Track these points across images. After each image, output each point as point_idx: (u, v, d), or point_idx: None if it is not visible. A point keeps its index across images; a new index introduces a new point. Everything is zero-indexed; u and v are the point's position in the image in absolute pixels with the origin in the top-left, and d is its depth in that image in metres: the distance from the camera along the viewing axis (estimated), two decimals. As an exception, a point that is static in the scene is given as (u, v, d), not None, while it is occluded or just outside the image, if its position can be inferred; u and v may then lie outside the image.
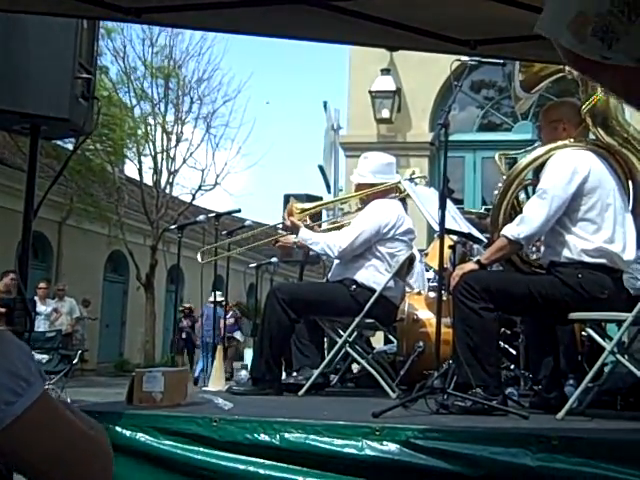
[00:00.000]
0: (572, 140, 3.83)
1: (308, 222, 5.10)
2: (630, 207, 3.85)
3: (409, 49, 3.21)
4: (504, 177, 3.97)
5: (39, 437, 1.26)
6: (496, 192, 3.99)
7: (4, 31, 3.09)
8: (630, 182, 3.87)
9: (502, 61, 4.08)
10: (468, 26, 2.33)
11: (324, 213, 5.93)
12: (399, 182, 4.99)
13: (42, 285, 14.16)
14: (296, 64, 58.98)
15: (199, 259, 6.37)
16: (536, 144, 4.08)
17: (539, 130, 4.10)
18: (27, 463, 1.24)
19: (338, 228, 5.21)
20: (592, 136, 3.89)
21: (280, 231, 5.72)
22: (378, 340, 6.50)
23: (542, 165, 3.84)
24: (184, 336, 19.02)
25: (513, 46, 2.51)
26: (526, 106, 4.67)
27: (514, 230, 3.71)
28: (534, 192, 3.85)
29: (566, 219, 3.70)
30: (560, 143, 3.83)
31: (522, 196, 4.07)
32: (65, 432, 1.30)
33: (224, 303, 9.98)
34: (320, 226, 5.38)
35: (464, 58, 3.75)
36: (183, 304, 19.68)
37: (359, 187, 5.07)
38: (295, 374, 4.87)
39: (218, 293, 10.81)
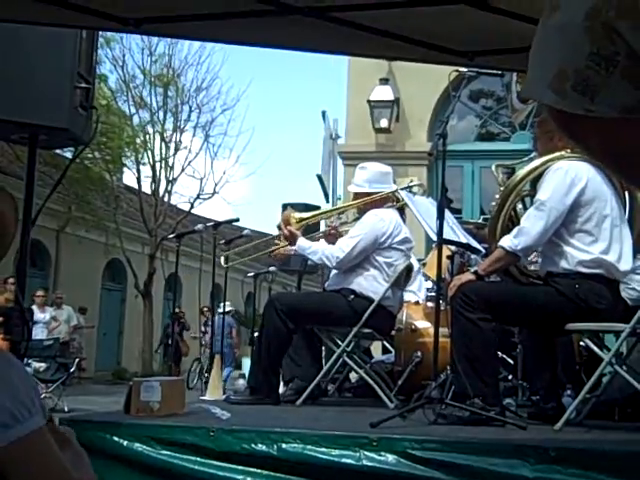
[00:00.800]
0: (568, 151, 3.84)
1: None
2: (626, 217, 3.85)
3: (407, 60, 3.22)
4: (501, 188, 3.98)
5: (26, 470, 1.25)
6: (493, 203, 3.99)
7: (4, 41, 3.10)
8: (626, 192, 3.88)
9: (501, 72, 4.09)
10: (466, 38, 2.34)
11: (322, 224, 5.90)
12: (396, 191, 4.99)
13: (40, 293, 14.18)
14: (295, 73, 59.14)
15: (222, 263, 6.38)
16: (532, 154, 4.08)
17: (535, 141, 4.10)
18: None
19: (334, 236, 5.19)
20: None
21: (277, 240, 5.70)
22: (376, 350, 6.50)
23: (539, 176, 3.84)
24: (170, 342, 17.78)
25: (511, 57, 2.52)
26: (522, 117, 4.69)
27: (512, 241, 3.71)
28: (532, 203, 3.86)
29: (563, 230, 3.70)
30: (557, 154, 3.83)
31: (519, 207, 4.07)
32: (53, 474, 1.29)
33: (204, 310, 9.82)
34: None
35: (462, 69, 3.76)
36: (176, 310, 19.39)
37: (356, 197, 5.08)
38: (284, 388, 4.86)
39: (227, 303, 10.85)
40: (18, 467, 1.23)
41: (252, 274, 8.78)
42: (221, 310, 10.73)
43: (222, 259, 6.38)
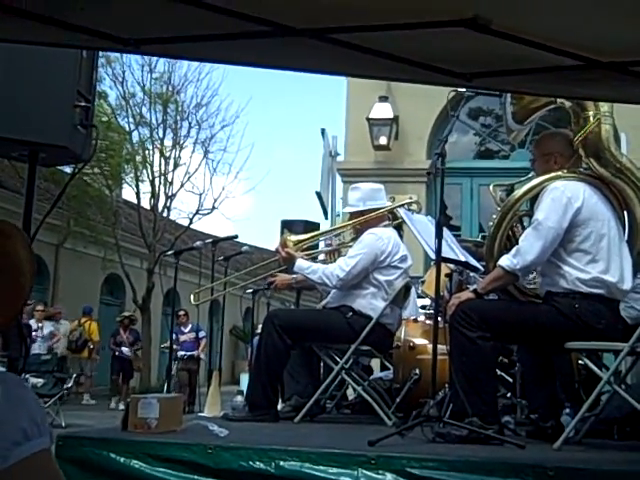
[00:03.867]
0: (565, 171, 3.86)
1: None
2: (626, 237, 3.86)
3: (404, 81, 3.24)
4: (499, 208, 4.00)
5: None
6: (491, 223, 4.01)
7: (4, 59, 3.11)
8: (625, 212, 3.89)
9: (498, 92, 4.12)
10: (465, 60, 2.35)
11: (321, 244, 5.89)
12: (392, 208, 5.01)
13: (39, 308, 14.16)
14: (294, 90, 59.35)
15: (192, 301, 6.21)
16: (531, 174, 4.10)
17: (532, 162, 4.12)
18: None
19: (333, 255, 5.20)
20: (585, 166, 3.92)
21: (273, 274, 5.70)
22: (374, 367, 6.49)
23: (536, 196, 3.86)
24: (117, 353, 16.23)
25: (509, 79, 2.54)
26: (520, 137, 4.71)
27: (510, 261, 3.72)
28: (529, 223, 3.88)
29: (561, 250, 3.71)
30: (553, 174, 3.85)
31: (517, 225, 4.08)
32: None
33: (180, 314, 9.25)
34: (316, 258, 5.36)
35: (461, 89, 3.79)
36: (122, 314, 17.64)
37: (351, 217, 5.10)
38: (282, 405, 4.85)
39: None
40: None
41: (251, 290, 8.77)
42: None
43: (192, 297, 6.23)
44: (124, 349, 16.27)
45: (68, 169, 13.02)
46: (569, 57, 2.22)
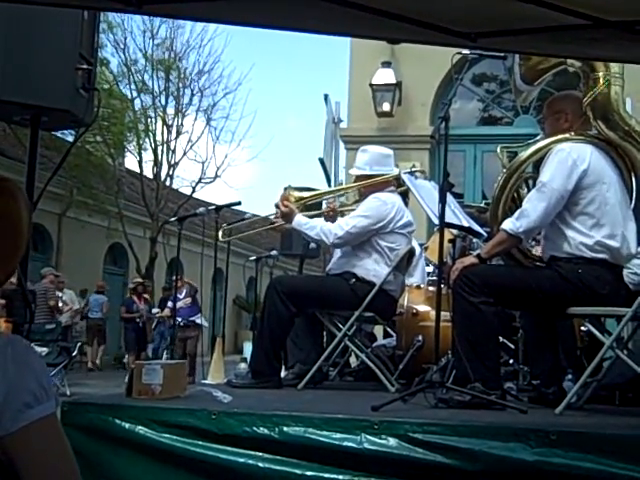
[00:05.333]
0: (572, 133, 3.82)
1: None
2: (634, 201, 3.83)
3: (408, 41, 3.21)
4: (504, 170, 3.97)
5: (41, 452, 1.29)
6: (496, 185, 3.98)
7: (5, 22, 3.08)
8: (633, 176, 3.86)
9: (503, 54, 4.06)
10: (469, 19, 2.32)
11: (324, 206, 5.82)
12: (398, 175, 4.97)
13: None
14: (297, 57, 58.89)
15: (220, 237, 6.05)
16: (538, 137, 4.06)
17: (542, 122, 4.08)
18: (19, 473, 1.27)
19: (333, 217, 5.12)
20: (594, 130, 3.88)
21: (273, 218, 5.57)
22: (377, 334, 6.51)
23: (542, 158, 3.83)
24: (135, 325, 14.95)
25: (514, 39, 2.50)
26: (529, 98, 4.65)
27: (514, 224, 3.70)
28: (534, 186, 3.85)
29: (566, 213, 3.69)
30: (561, 136, 3.82)
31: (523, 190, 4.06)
32: (66, 457, 1.32)
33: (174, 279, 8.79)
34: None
35: (465, 51, 3.74)
36: (135, 280, 16.56)
37: (357, 179, 5.06)
38: (285, 373, 4.86)
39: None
40: (35, 447, 1.26)
41: (253, 258, 8.77)
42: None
43: (220, 233, 6.06)
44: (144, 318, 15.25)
45: (70, 138, 13.01)
46: (576, 16, 2.19)
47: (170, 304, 14.48)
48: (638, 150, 3.78)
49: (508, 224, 3.72)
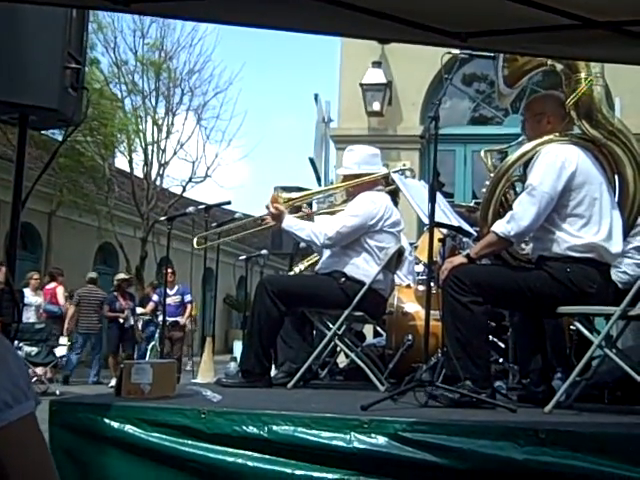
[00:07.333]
0: (557, 134, 3.83)
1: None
2: (616, 199, 3.85)
3: (399, 41, 3.20)
4: (491, 174, 3.98)
5: (21, 452, 1.28)
6: (484, 190, 3.99)
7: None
8: (615, 176, 3.88)
9: (493, 54, 4.07)
10: (459, 18, 2.32)
11: (315, 206, 5.82)
12: (386, 174, 4.97)
13: (35, 276, 14.05)
14: (287, 56, 58.84)
15: (194, 244, 6.00)
16: (521, 138, 4.07)
17: (523, 124, 4.09)
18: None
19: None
20: (577, 130, 3.89)
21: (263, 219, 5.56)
22: (367, 333, 6.51)
23: (529, 161, 3.84)
24: (118, 324, 14.06)
25: (505, 39, 2.51)
26: (509, 101, 4.68)
27: (505, 227, 3.70)
28: (523, 188, 3.86)
29: (555, 215, 3.70)
30: (546, 138, 3.82)
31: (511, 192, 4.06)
32: (42, 460, 1.32)
33: (168, 271, 8.35)
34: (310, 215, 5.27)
35: (455, 51, 3.75)
36: (118, 277, 15.81)
37: (345, 179, 5.06)
38: (275, 372, 4.86)
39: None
40: (15, 447, 1.26)
41: (243, 257, 8.77)
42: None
43: (194, 240, 5.91)
44: (128, 317, 14.51)
45: (60, 137, 12.95)
46: (565, 16, 2.19)
47: (155, 298, 14.43)
48: (621, 149, 3.80)
49: (499, 227, 3.72)
